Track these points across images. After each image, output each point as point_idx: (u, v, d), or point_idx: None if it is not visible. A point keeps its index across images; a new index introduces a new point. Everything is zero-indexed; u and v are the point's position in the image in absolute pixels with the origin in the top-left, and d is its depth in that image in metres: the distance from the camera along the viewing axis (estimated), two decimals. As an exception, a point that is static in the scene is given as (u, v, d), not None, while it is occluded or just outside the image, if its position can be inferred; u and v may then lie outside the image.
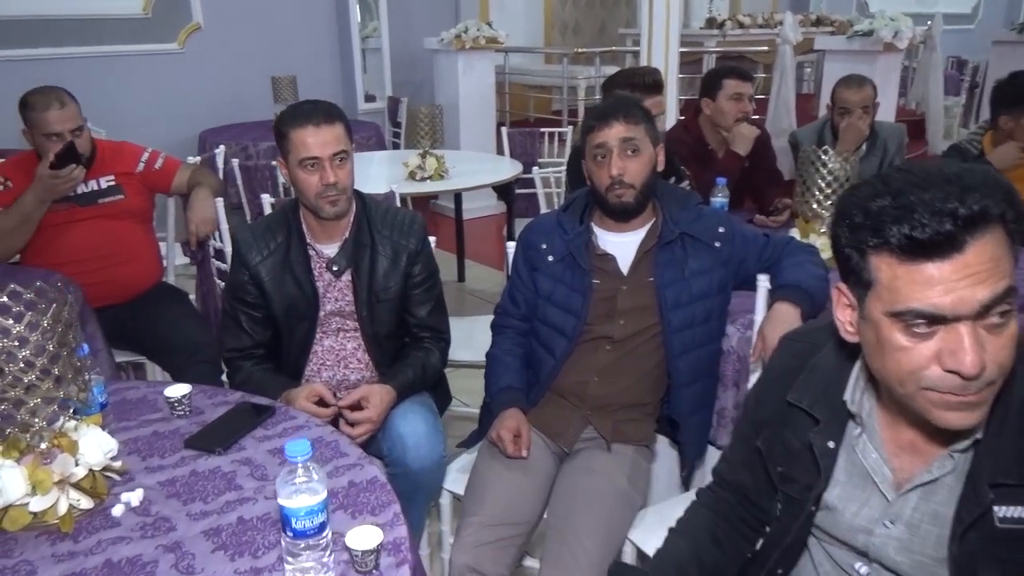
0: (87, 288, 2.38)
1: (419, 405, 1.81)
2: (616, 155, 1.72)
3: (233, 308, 1.87)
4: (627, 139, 1.72)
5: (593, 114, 1.77)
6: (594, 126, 1.74)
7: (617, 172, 1.71)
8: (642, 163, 1.74)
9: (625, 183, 1.73)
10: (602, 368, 1.80)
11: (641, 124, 1.75)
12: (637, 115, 1.74)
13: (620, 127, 1.72)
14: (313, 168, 1.74)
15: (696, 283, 1.78)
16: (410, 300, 1.91)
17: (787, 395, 1.12)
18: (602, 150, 1.73)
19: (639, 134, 1.74)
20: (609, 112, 1.73)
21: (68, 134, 2.39)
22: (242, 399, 1.59)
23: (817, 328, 1.19)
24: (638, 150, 1.73)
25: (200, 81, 5.62)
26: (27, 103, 2.40)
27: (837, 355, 1.11)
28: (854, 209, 0.92)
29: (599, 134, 1.73)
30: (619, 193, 1.74)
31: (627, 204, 1.75)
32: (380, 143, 5.44)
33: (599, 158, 1.74)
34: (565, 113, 6.26)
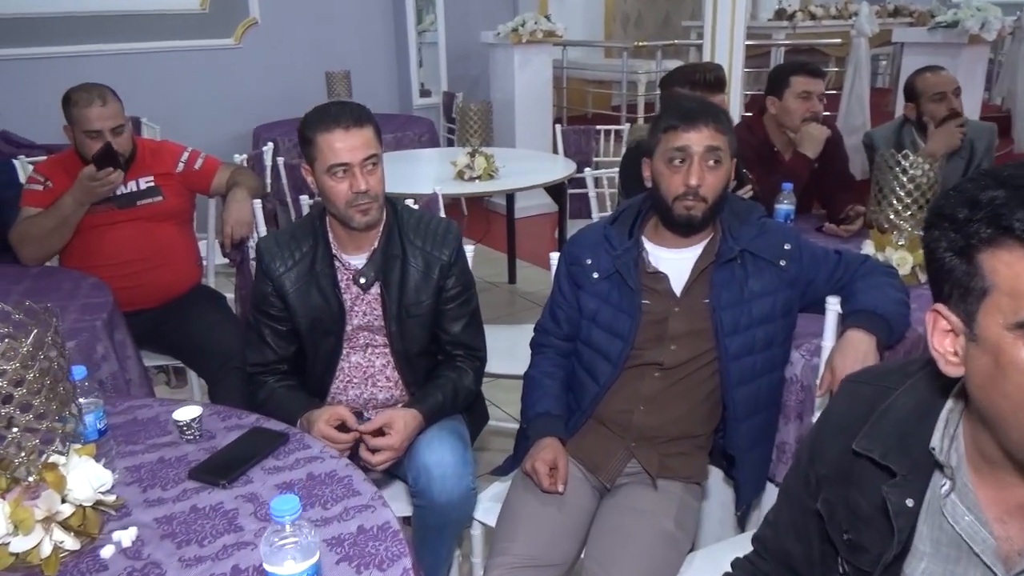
0: (123, 292, 2.33)
1: (448, 432, 1.67)
2: (697, 163, 1.55)
3: (256, 321, 1.77)
4: (712, 148, 1.55)
5: (676, 113, 1.59)
6: (677, 126, 1.57)
7: (696, 182, 1.54)
8: (721, 177, 1.58)
9: (699, 195, 1.56)
10: (650, 396, 1.64)
11: (727, 134, 1.58)
12: (725, 124, 1.58)
13: (708, 133, 1.55)
14: (343, 175, 1.62)
15: (757, 306, 1.60)
16: (443, 315, 1.78)
17: (853, 444, 0.93)
18: (682, 154, 1.56)
19: (724, 144, 1.57)
20: (698, 114, 1.56)
21: (108, 133, 2.34)
22: (256, 422, 1.49)
23: (887, 371, 1.00)
24: (720, 162, 1.57)
25: (255, 76, 5.61)
26: (69, 99, 2.36)
27: (919, 394, 0.92)
28: (957, 206, 0.76)
29: (682, 136, 1.56)
30: (689, 205, 1.57)
31: (695, 218, 1.58)
32: (433, 139, 5.34)
33: (676, 162, 1.57)
34: (624, 109, 6.06)
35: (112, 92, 2.41)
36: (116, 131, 2.36)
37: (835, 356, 1.48)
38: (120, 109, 2.40)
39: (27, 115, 4.48)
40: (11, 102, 4.54)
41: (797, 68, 2.67)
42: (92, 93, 2.35)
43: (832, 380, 1.47)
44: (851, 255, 1.67)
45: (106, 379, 1.97)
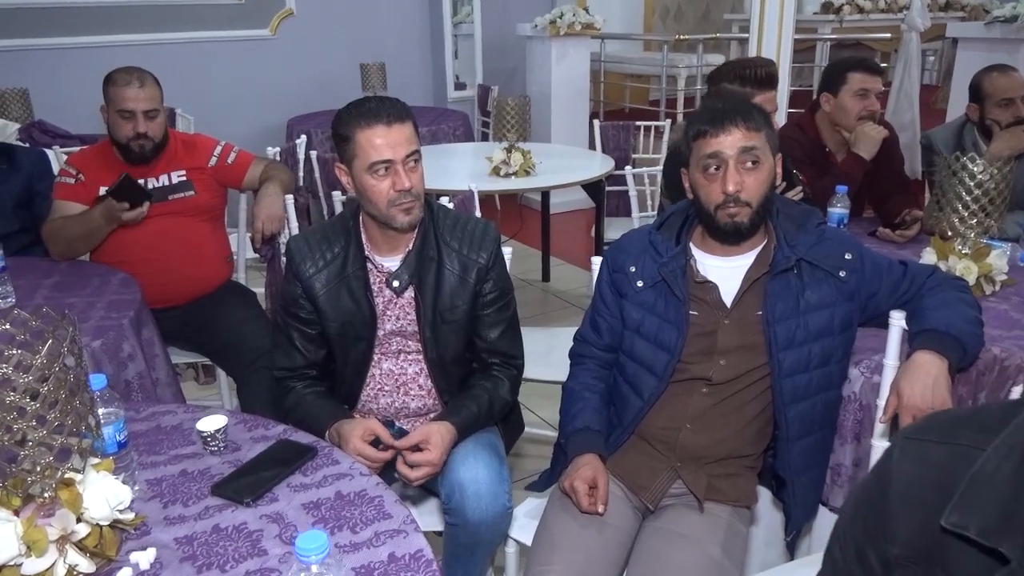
0: (152, 287, 2.29)
1: (483, 448, 1.59)
2: (733, 167, 1.45)
3: (285, 323, 1.70)
4: (747, 149, 1.45)
5: (703, 117, 1.50)
6: (706, 131, 1.47)
7: (734, 188, 1.44)
8: (762, 177, 1.47)
9: (741, 201, 1.46)
10: (697, 414, 1.54)
11: (762, 130, 1.47)
12: (758, 120, 1.47)
13: (739, 134, 1.45)
14: (384, 173, 1.54)
15: (814, 319, 1.50)
16: (479, 321, 1.70)
17: (941, 520, 0.76)
18: (715, 160, 1.46)
19: (760, 143, 1.46)
20: (725, 115, 1.46)
21: (141, 115, 2.32)
22: (283, 433, 1.42)
23: (956, 424, 0.82)
24: (758, 162, 1.46)
25: (290, 68, 5.57)
26: (109, 78, 2.36)
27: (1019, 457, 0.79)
28: None
29: (712, 141, 1.46)
30: (732, 212, 1.47)
31: (740, 225, 1.48)
32: (468, 133, 5.26)
33: (711, 170, 1.47)
34: (663, 104, 5.93)
35: (153, 78, 2.40)
36: (149, 115, 2.34)
37: (902, 380, 1.37)
38: (157, 95, 2.38)
39: (62, 105, 4.49)
40: (46, 92, 4.54)
41: (855, 64, 2.54)
42: (132, 74, 2.35)
43: (899, 405, 1.37)
44: (918, 267, 1.55)
45: (132, 379, 1.93)
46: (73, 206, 2.38)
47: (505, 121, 3.44)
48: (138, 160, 2.38)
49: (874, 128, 2.50)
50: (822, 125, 2.61)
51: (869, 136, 2.49)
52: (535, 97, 5.61)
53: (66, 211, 2.37)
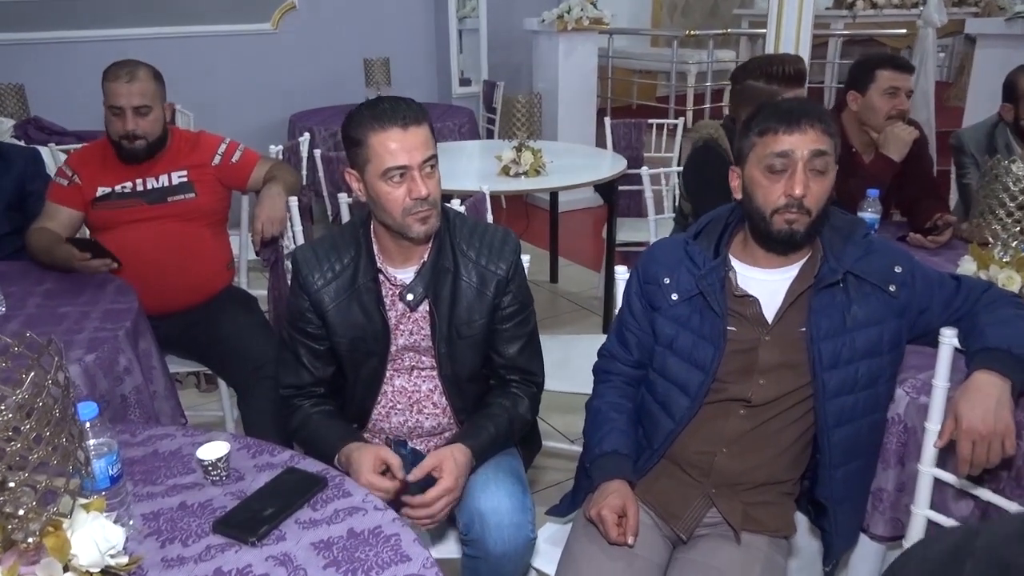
0: (149, 294, 2.19)
1: (504, 473, 1.49)
2: (801, 169, 1.35)
3: (292, 338, 1.59)
4: (820, 152, 1.35)
5: (775, 113, 1.39)
6: (777, 128, 1.36)
7: (801, 191, 1.34)
8: (827, 186, 1.38)
9: (804, 207, 1.35)
10: (733, 437, 1.44)
11: (835, 138, 1.38)
12: (832, 126, 1.38)
13: (814, 135, 1.35)
14: (400, 179, 1.44)
15: (861, 336, 1.39)
16: (497, 336, 1.59)
17: None
18: (784, 160, 1.36)
19: (832, 149, 1.37)
20: (802, 114, 1.36)
21: (130, 112, 2.21)
22: (290, 460, 1.31)
23: None
24: (827, 170, 1.37)
25: (292, 63, 5.45)
26: (105, 72, 2.25)
27: None
28: None
29: (784, 138, 1.35)
30: (791, 219, 1.36)
31: (796, 233, 1.37)
32: (473, 131, 5.15)
33: (775, 169, 1.37)
34: (672, 101, 5.81)
35: (150, 72, 2.28)
36: (140, 111, 2.22)
37: (961, 403, 1.27)
38: (150, 89, 2.25)
39: (58, 101, 4.38)
40: (43, 87, 4.43)
41: (884, 61, 2.43)
42: (124, 68, 2.24)
43: (958, 430, 1.26)
44: (972, 282, 1.45)
45: (129, 393, 1.82)
46: (64, 210, 2.29)
47: (515, 119, 3.33)
48: (130, 159, 2.28)
49: (904, 129, 2.39)
50: (848, 125, 2.50)
51: (899, 137, 2.38)
52: (542, 93, 5.50)
53: (56, 214, 2.28)
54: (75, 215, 2.30)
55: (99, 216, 2.29)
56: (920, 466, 1.46)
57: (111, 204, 2.28)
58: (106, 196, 2.28)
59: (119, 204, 2.28)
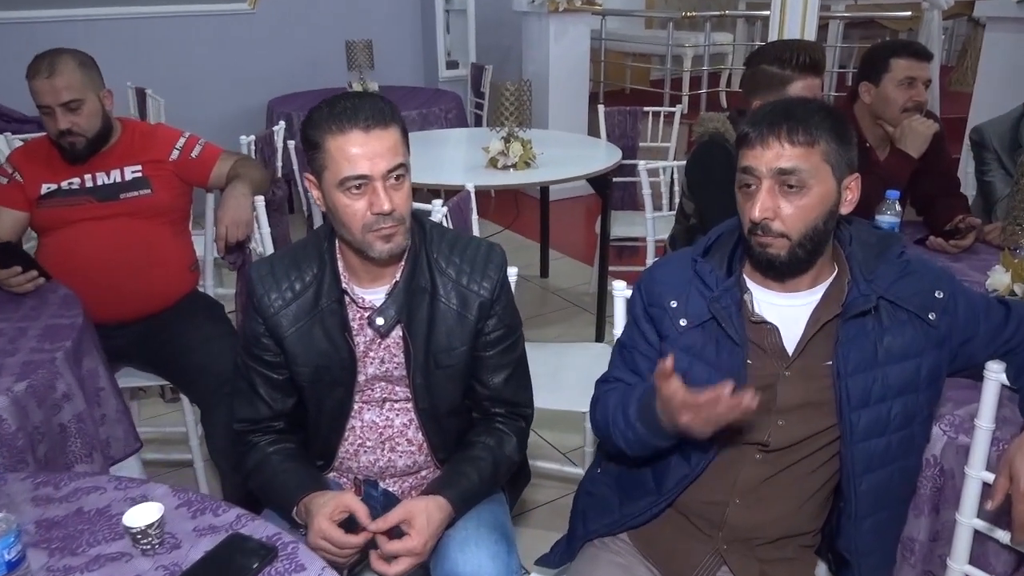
0: (101, 302, 2.02)
1: (487, 529, 1.30)
2: (765, 190, 1.16)
3: (246, 367, 1.40)
4: (784, 171, 1.16)
5: (752, 119, 1.21)
6: (745, 139, 1.19)
7: (758, 215, 1.16)
8: (806, 206, 1.17)
9: (772, 230, 1.17)
10: (748, 486, 1.26)
11: (817, 145, 1.17)
12: (814, 132, 1.16)
13: (780, 150, 1.16)
14: (359, 191, 1.24)
15: (895, 371, 1.22)
16: (480, 364, 1.41)
17: None
18: (748, 178, 1.18)
19: (810, 162, 1.16)
20: (771, 125, 1.17)
21: (59, 109, 2.00)
22: (236, 523, 1.13)
23: None
24: (803, 187, 1.17)
25: (270, 45, 5.20)
26: (27, 68, 2.03)
27: None
28: None
29: (748, 153, 1.18)
30: (763, 242, 1.19)
31: (774, 258, 1.19)
32: (461, 116, 4.94)
33: (744, 187, 1.20)
34: (667, 85, 5.60)
35: (73, 61, 2.04)
36: (70, 107, 2.01)
37: (1017, 457, 1.09)
38: (78, 81, 2.02)
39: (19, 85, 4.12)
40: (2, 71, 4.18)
41: (899, 48, 2.23)
42: (43, 61, 2.01)
43: (1011, 488, 1.09)
44: (1023, 309, 1.27)
45: (69, 422, 1.63)
46: (4, 211, 2.08)
47: (502, 107, 3.12)
48: (73, 159, 2.08)
49: (922, 122, 2.21)
50: (861, 118, 2.32)
51: (917, 131, 2.19)
52: (531, 78, 5.28)
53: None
54: (18, 216, 2.09)
55: (45, 216, 2.09)
56: (959, 516, 1.29)
57: (57, 202, 2.08)
58: (52, 194, 2.08)
59: (66, 202, 2.07)
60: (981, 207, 2.53)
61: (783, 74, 2.01)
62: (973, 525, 1.28)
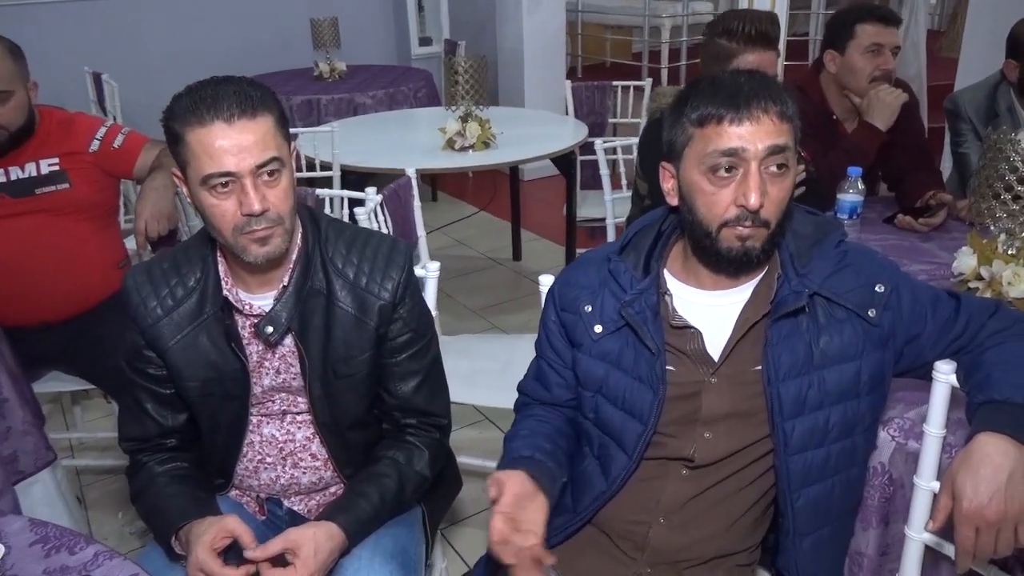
0: (17, 303, 1.92)
1: (383, 556, 1.18)
2: (756, 171, 1.02)
3: (131, 382, 1.28)
4: (777, 148, 1.02)
5: (715, 93, 1.04)
6: (721, 115, 1.03)
7: (757, 201, 1.02)
8: (787, 188, 1.05)
9: (760, 219, 1.03)
10: (673, 504, 1.14)
11: (793, 122, 1.05)
12: (790, 106, 1.04)
13: (771, 124, 1.02)
14: (226, 189, 1.11)
15: (833, 375, 1.09)
16: (387, 372, 1.29)
17: None
18: (733, 159, 1.03)
19: (791, 140, 1.04)
20: (752, 95, 1.02)
21: None
22: (92, 563, 1.01)
23: None
24: (786, 168, 1.04)
25: (232, 24, 5.03)
26: None
27: None
28: None
29: (731, 131, 1.02)
30: (744, 234, 1.04)
31: (752, 252, 1.06)
32: (432, 96, 4.76)
33: (722, 171, 1.04)
34: (645, 58, 5.43)
35: (3, 50, 1.88)
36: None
37: (962, 476, 0.96)
38: (7, 71, 1.87)
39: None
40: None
41: (864, 14, 2.09)
42: None
43: (957, 512, 0.96)
44: (975, 302, 1.13)
45: (-39, 439, 1.51)
46: None
47: (457, 85, 2.97)
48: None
49: (890, 92, 2.07)
50: (827, 88, 2.18)
51: (884, 102, 2.05)
52: (506, 53, 5.12)
53: None
54: None
55: None
56: (908, 530, 1.17)
57: None
58: None
59: None
60: (956, 181, 2.39)
61: (731, 47, 1.86)
62: (923, 540, 1.16)
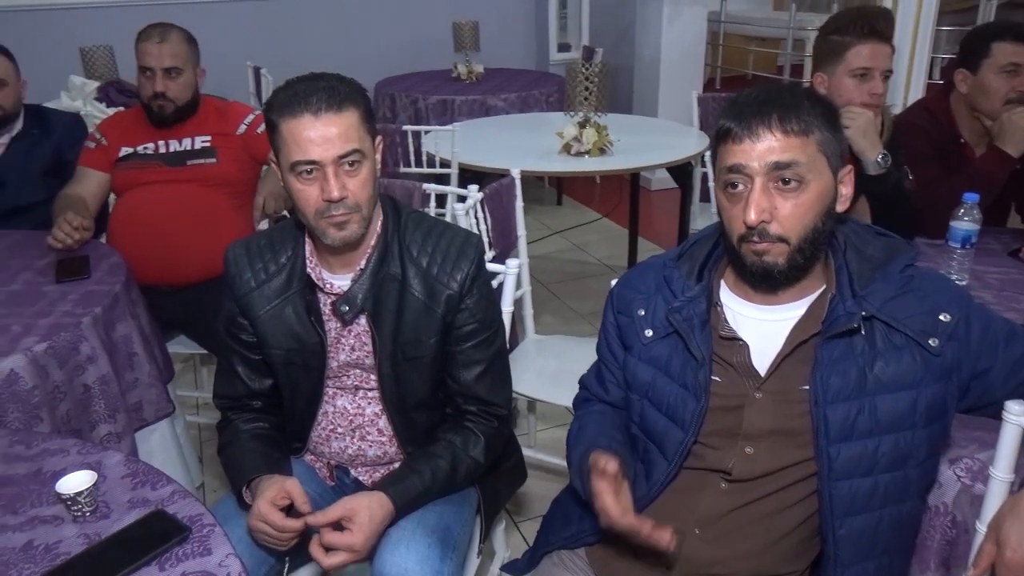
0: (157, 261, 2.17)
1: (424, 530, 1.25)
2: (759, 188, 1.02)
3: (226, 346, 1.42)
4: (781, 164, 1.02)
5: (730, 109, 1.07)
6: (728, 131, 1.05)
7: (755, 218, 1.02)
8: (806, 203, 1.03)
9: (770, 234, 1.03)
10: (710, 516, 1.14)
11: (812, 134, 1.03)
12: (807, 119, 1.03)
13: (773, 140, 1.02)
14: (311, 176, 1.22)
15: (885, 403, 1.06)
16: (452, 359, 1.36)
17: None
18: (737, 176, 1.04)
19: (806, 154, 1.03)
20: (758, 110, 1.03)
21: (160, 73, 2.19)
22: (169, 499, 1.14)
23: None
24: (801, 182, 1.03)
25: (378, 26, 5.30)
26: (139, 33, 2.24)
27: None
28: None
29: (734, 148, 1.04)
30: (759, 249, 1.05)
31: (771, 267, 1.05)
32: (563, 101, 4.82)
33: (731, 188, 1.06)
34: (788, 71, 5.25)
35: (182, 35, 2.26)
36: (169, 73, 2.20)
37: (1008, 522, 0.91)
38: (182, 52, 2.23)
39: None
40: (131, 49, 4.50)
41: (1002, 31, 1.96)
42: (156, 28, 2.22)
43: (997, 560, 0.91)
44: (1055, 337, 1.07)
45: (93, 384, 1.72)
46: (90, 172, 2.30)
47: (577, 91, 3.01)
48: (159, 122, 2.26)
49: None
50: (957, 109, 2.06)
51: (1018, 126, 1.92)
52: (643, 62, 5.10)
53: (82, 177, 2.30)
54: (102, 177, 2.30)
55: (120, 177, 2.28)
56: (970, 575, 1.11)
57: (132, 164, 2.27)
58: (128, 156, 2.28)
59: (139, 164, 2.26)
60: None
61: (842, 41, 1.81)
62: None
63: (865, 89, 1.81)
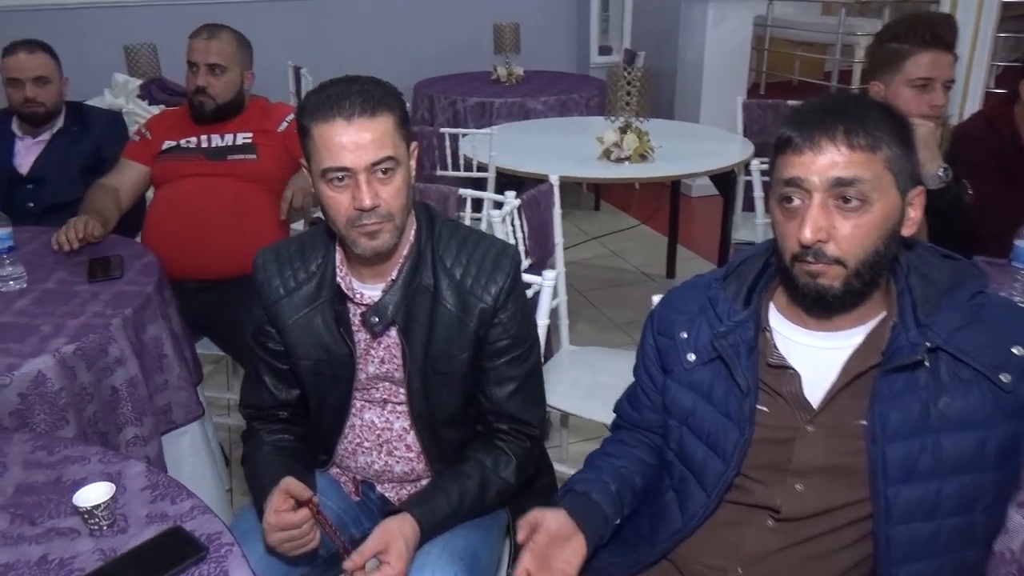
0: (189, 254, 2.17)
1: (450, 556, 1.19)
2: (817, 205, 0.95)
3: (253, 353, 1.38)
4: (843, 182, 0.94)
5: (793, 118, 1.00)
6: (790, 140, 0.98)
7: (811, 237, 0.95)
8: (867, 224, 0.96)
9: (826, 255, 0.96)
10: (755, 555, 1.07)
11: (880, 151, 0.96)
12: (874, 134, 0.95)
13: (837, 154, 0.95)
14: (342, 183, 1.17)
15: (951, 442, 0.98)
16: (485, 375, 1.30)
17: None
18: (794, 191, 0.97)
19: (871, 171, 0.95)
20: (818, 123, 0.96)
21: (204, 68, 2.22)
22: (188, 515, 1.10)
23: None
24: (864, 201, 0.95)
25: (418, 27, 5.28)
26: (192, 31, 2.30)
27: None
28: None
29: (795, 160, 0.97)
30: (813, 271, 0.97)
31: (825, 290, 0.98)
32: (603, 105, 4.75)
33: (787, 202, 0.99)
34: (835, 78, 5.11)
35: (232, 36, 2.30)
36: (213, 70, 2.23)
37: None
38: (229, 52, 2.27)
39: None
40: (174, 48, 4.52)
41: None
42: (208, 27, 2.28)
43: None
44: None
45: (121, 386, 1.70)
46: (131, 164, 2.34)
47: (618, 96, 2.94)
48: (199, 117, 2.30)
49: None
50: (1021, 120, 1.95)
51: (1090, 140, 1.81)
52: (686, 66, 5.01)
53: (122, 168, 2.34)
54: (141, 170, 2.33)
55: (161, 169, 2.30)
56: (1034, 630, 1.03)
57: (173, 157, 2.30)
58: (170, 149, 2.31)
59: (180, 157, 2.29)
60: None
61: (901, 49, 1.72)
62: (1051, 646, 1.01)
63: (925, 100, 1.72)
